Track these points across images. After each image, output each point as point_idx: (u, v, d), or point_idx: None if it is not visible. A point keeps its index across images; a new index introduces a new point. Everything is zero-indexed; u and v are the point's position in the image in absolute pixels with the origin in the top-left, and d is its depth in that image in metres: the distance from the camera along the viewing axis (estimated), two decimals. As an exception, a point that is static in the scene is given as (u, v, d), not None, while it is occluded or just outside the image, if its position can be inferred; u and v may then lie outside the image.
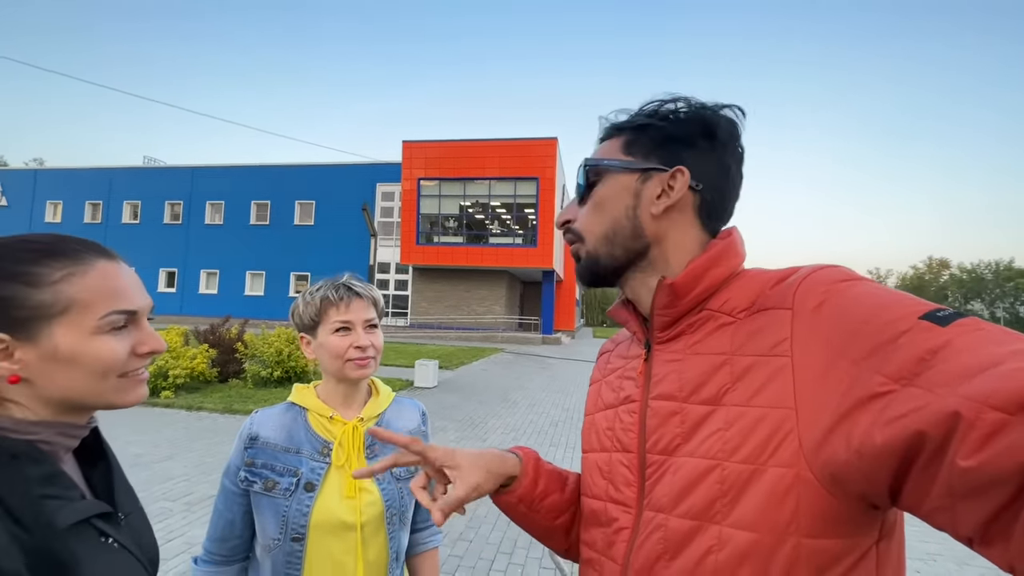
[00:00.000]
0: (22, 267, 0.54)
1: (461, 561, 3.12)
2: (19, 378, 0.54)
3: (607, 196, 0.65)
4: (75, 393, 0.57)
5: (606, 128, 0.69)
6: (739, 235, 0.65)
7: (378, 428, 0.73)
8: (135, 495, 0.69)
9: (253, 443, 1.00)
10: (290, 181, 28.15)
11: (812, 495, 0.46)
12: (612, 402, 0.68)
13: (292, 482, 0.96)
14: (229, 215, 28.81)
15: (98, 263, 0.59)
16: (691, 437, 0.55)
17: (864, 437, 0.41)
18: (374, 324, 1.06)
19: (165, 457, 4.86)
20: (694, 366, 0.58)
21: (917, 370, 0.40)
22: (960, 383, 0.37)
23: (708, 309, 0.60)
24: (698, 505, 0.52)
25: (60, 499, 0.53)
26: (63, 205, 31.24)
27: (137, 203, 30.28)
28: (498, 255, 23.15)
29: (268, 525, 0.96)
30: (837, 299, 0.49)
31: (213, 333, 9.08)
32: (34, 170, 33.78)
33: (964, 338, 0.40)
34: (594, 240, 0.66)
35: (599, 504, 0.64)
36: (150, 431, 5.76)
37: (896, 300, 0.46)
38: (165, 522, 3.45)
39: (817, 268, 0.54)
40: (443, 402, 8.24)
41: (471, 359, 14.29)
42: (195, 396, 7.56)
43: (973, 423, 0.35)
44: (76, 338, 0.55)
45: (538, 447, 5.79)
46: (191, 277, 28.89)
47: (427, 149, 23.67)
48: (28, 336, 0.53)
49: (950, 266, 79.89)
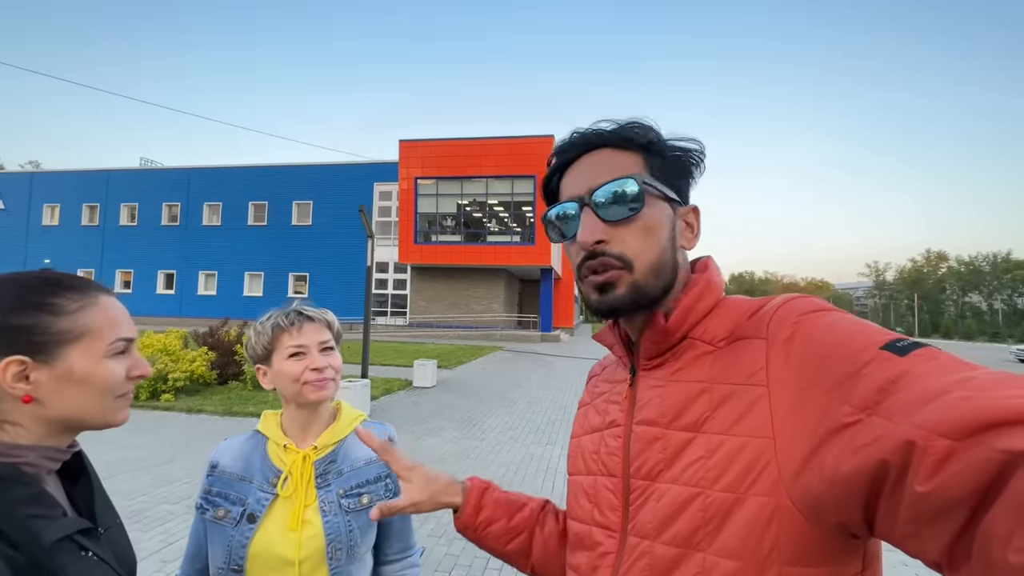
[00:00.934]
0: (45, 298, 0.62)
1: (458, 560, 3.17)
2: (32, 399, 0.60)
3: (657, 222, 0.61)
4: (79, 412, 0.63)
5: (605, 135, 0.63)
6: (715, 264, 0.66)
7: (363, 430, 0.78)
8: (114, 510, 0.74)
9: (212, 471, 1.03)
10: (287, 182, 28.15)
11: (792, 524, 0.47)
12: (598, 425, 0.69)
13: (239, 512, 0.97)
14: (227, 216, 28.81)
15: (102, 297, 0.67)
16: (673, 463, 0.56)
17: (834, 467, 0.43)
18: (330, 347, 1.05)
19: (166, 460, 4.91)
20: (675, 392, 0.59)
21: (878, 399, 0.41)
22: (913, 412, 0.38)
23: (690, 337, 0.61)
24: (682, 533, 0.53)
25: (45, 518, 0.58)
26: (60, 208, 31.17)
27: (134, 205, 30.24)
28: (496, 253, 23.17)
29: (216, 553, 0.97)
30: (808, 329, 0.51)
31: (212, 335, 9.11)
32: (31, 173, 33.64)
33: (919, 367, 0.41)
34: (645, 270, 0.60)
35: (584, 528, 0.65)
36: (151, 434, 5.81)
37: (860, 330, 0.47)
38: (166, 525, 3.50)
39: (790, 298, 0.56)
40: (441, 401, 8.29)
41: (470, 358, 14.34)
42: (195, 399, 7.60)
43: (925, 450, 0.36)
44: (88, 361, 0.63)
45: (535, 446, 5.84)
46: (189, 279, 28.89)
47: (424, 148, 23.66)
48: (46, 359, 0.60)
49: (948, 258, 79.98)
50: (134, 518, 3.59)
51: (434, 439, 6.00)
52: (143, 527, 3.46)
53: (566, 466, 0.74)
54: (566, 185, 0.66)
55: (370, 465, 1.07)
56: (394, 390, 9.08)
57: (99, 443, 5.02)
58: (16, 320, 0.60)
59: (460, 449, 5.62)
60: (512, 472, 4.88)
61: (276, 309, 1.06)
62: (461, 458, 5.28)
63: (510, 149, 22.69)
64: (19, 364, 0.59)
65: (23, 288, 0.62)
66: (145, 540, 3.27)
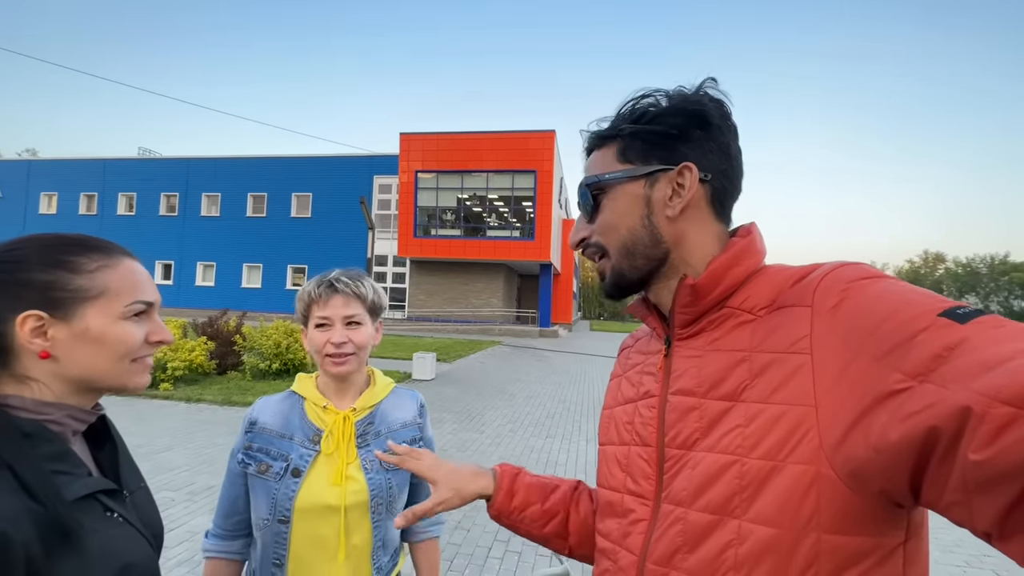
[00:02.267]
0: (65, 256, 0.63)
1: (459, 549, 3.18)
2: (49, 354, 0.60)
3: (618, 209, 0.64)
4: (94, 372, 0.63)
5: (591, 139, 0.68)
6: (758, 232, 0.65)
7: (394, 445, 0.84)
8: (140, 474, 0.75)
9: (252, 427, 1.06)
10: (287, 173, 28.03)
11: (833, 492, 0.47)
12: (632, 396, 0.68)
13: (282, 467, 1.01)
14: (225, 207, 28.69)
15: (124, 259, 0.68)
16: (710, 432, 0.55)
17: (881, 434, 0.42)
18: (356, 321, 1.05)
19: (165, 448, 4.90)
20: (713, 362, 0.58)
21: (933, 366, 0.40)
22: (973, 379, 0.37)
23: (728, 307, 0.60)
24: (717, 500, 0.53)
25: (69, 474, 0.59)
26: (58, 197, 31.01)
27: (132, 195, 30.08)
28: (496, 248, 23.14)
29: (260, 506, 1.01)
30: (857, 297, 0.49)
31: (211, 326, 9.10)
32: (28, 161, 33.44)
33: (981, 335, 0.40)
34: (616, 255, 0.65)
35: (616, 496, 0.66)
36: (150, 422, 5.80)
37: (916, 298, 0.46)
38: (167, 511, 3.50)
39: (838, 265, 0.54)
40: (441, 394, 8.29)
41: (469, 352, 14.35)
42: (194, 388, 7.59)
43: (983, 417, 0.35)
44: (105, 321, 0.63)
45: (535, 439, 5.86)
46: (188, 269, 28.80)
47: (425, 141, 23.57)
48: (64, 316, 0.61)
49: (946, 260, 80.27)
50: (135, 504, 3.59)
51: (434, 431, 5.95)
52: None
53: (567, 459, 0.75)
54: None
55: (405, 428, 1.13)
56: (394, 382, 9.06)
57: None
58: (36, 276, 0.60)
59: (460, 441, 5.63)
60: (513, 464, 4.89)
61: (318, 276, 1.08)
62: (461, 450, 5.30)
63: (511, 144, 22.62)
64: (37, 319, 0.59)
65: (45, 246, 0.63)
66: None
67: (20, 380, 0.60)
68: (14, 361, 0.60)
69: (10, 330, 0.59)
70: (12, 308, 0.59)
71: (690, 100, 0.62)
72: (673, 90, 0.63)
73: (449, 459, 0.84)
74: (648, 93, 0.64)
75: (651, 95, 0.63)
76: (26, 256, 0.61)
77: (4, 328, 0.59)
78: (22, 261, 0.61)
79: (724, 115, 0.63)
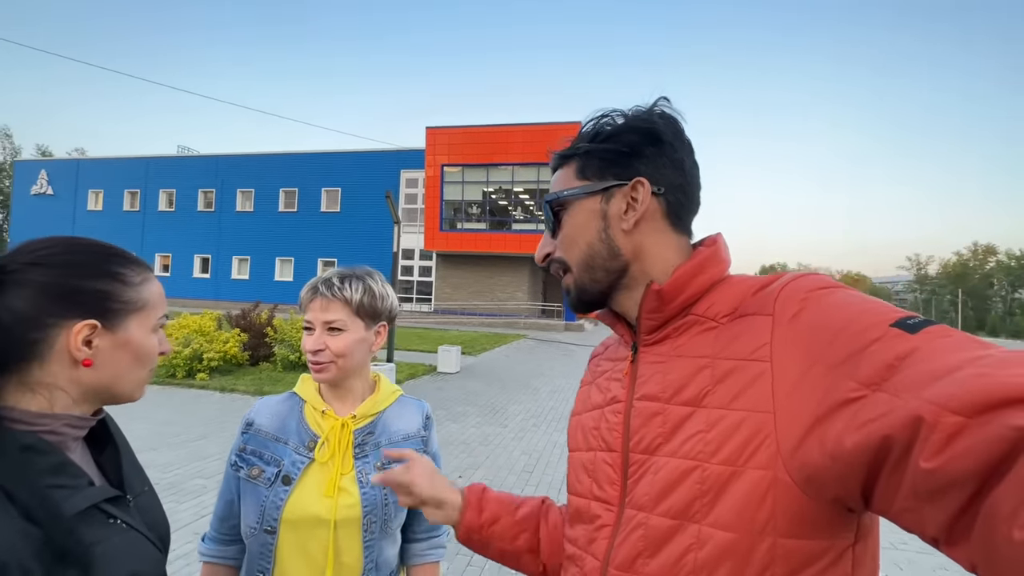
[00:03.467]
0: (117, 267, 0.64)
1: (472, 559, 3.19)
2: (91, 363, 0.60)
3: (577, 224, 0.67)
4: (120, 381, 0.64)
5: (554, 159, 0.71)
6: (724, 242, 0.66)
7: (390, 451, 0.81)
8: (145, 476, 0.74)
9: (248, 428, 1.01)
10: (316, 169, 28.67)
11: (789, 497, 0.48)
12: (599, 403, 0.69)
13: (274, 472, 0.95)
14: (259, 202, 29.59)
15: (152, 274, 0.69)
16: (672, 437, 0.56)
17: (836, 441, 0.43)
18: (336, 327, 0.97)
19: (199, 436, 5.09)
20: (677, 368, 0.59)
21: (886, 375, 0.41)
22: (923, 388, 0.38)
23: (693, 314, 0.61)
24: (678, 504, 0.54)
25: (67, 488, 0.57)
26: (104, 193, 32.58)
27: (172, 191, 31.36)
28: (521, 241, 23.10)
29: (249, 512, 0.96)
30: (815, 307, 0.51)
31: (244, 318, 9.39)
32: (77, 160, 35.28)
33: (931, 345, 0.41)
34: (576, 269, 0.67)
35: (583, 502, 0.66)
36: (187, 411, 6.04)
37: (870, 308, 0.47)
38: (200, 498, 3.63)
39: (797, 276, 0.56)
40: (465, 388, 8.35)
41: (493, 345, 14.40)
42: (228, 378, 7.87)
43: (934, 426, 0.36)
44: (143, 333, 0.65)
45: (557, 434, 5.83)
46: (224, 263, 29.87)
47: (451, 135, 23.65)
48: (111, 326, 0.62)
49: (997, 252, 75.76)
50: (169, 490, 3.73)
51: (458, 424, 6.05)
52: (178, 499, 3.60)
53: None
54: None
55: (408, 440, 1.06)
56: (418, 375, 9.19)
57: (135, 419, 5.24)
58: (95, 284, 0.61)
59: (483, 435, 5.64)
60: (535, 459, 4.88)
61: (316, 277, 1.04)
62: (484, 443, 5.31)
63: (537, 136, 22.46)
64: (91, 328, 0.59)
65: (95, 254, 0.63)
66: (179, 512, 3.40)
67: (29, 388, 0.58)
68: (36, 367, 0.58)
69: (56, 335, 0.57)
70: (65, 314, 0.58)
71: (642, 119, 0.65)
72: (630, 110, 0.66)
73: (472, 454, 0.82)
74: (607, 113, 0.67)
75: (609, 115, 0.67)
76: (80, 262, 0.61)
77: (49, 333, 0.57)
78: (80, 267, 0.60)
79: (676, 132, 0.65)
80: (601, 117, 0.67)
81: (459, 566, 2.95)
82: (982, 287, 75.33)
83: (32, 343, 0.57)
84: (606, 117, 0.67)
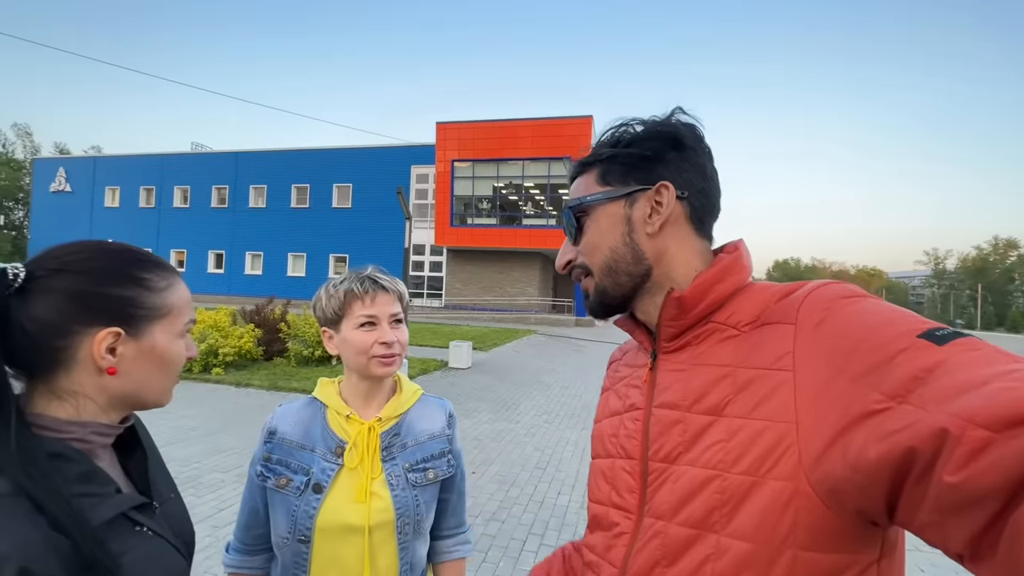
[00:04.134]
0: (142, 273, 0.62)
1: (494, 541, 3.20)
2: (116, 371, 0.59)
3: (600, 229, 0.66)
4: (146, 388, 0.63)
5: (574, 168, 0.71)
6: (746, 248, 0.66)
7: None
8: (172, 482, 0.74)
9: (272, 437, 0.99)
10: (328, 164, 28.86)
11: (810, 509, 0.47)
12: (618, 409, 0.69)
13: (303, 481, 0.94)
14: (271, 198, 29.89)
15: (178, 279, 0.68)
16: (693, 446, 0.56)
17: (860, 453, 0.42)
18: (399, 319, 1.01)
19: (217, 430, 5.16)
20: (697, 376, 0.59)
21: (912, 387, 0.41)
22: (950, 401, 0.37)
23: (714, 321, 0.61)
24: (697, 514, 0.53)
25: (95, 496, 0.57)
26: (120, 190, 33.11)
27: (187, 188, 31.79)
28: (531, 236, 23.05)
29: (279, 522, 0.95)
30: (839, 316, 0.50)
31: (258, 313, 9.49)
32: (93, 157, 35.91)
33: (959, 357, 0.40)
34: (599, 273, 0.67)
35: (602, 509, 0.66)
36: (204, 405, 6.13)
37: (896, 318, 0.46)
38: (218, 492, 3.69)
39: (821, 284, 0.55)
40: (477, 383, 8.37)
41: (504, 340, 14.42)
42: (243, 373, 7.97)
43: (959, 440, 0.35)
44: (168, 339, 0.64)
45: (570, 431, 5.83)
46: (237, 258, 30.25)
47: (461, 130, 23.62)
48: (136, 333, 0.61)
49: (1019, 246, 73.94)
50: (188, 484, 3.79)
51: (469, 420, 6.06)
52: (197, 493, 3.66)
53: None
54: None
55: (433, 440, 1.05)
56: (430, 370, 9.23)
57: (156, 414, 5.32)
58: (117, 291, 0.59)
59: (495, 431, 5.65)
60: (548, 456, 4.88)
61: (352, 271, 1.03)
62: (496, 439, 5.32)
63: (547, 131, 22.36)
64: (115, 336, 0.58)
65: (120, 259, 0.61)
66: (199, 505, 3.46)
67: (56, 395, 0.58)
68: (62, 374, 0.58)
69: (80, 343, 0.57)
70: (89, 321, 0.57)
71: (664, 124, 0.65)
72: (647, 118, 0.67)
73: (484, 450, 0.82)
74: (626, 121, 0.67)
75: (628, 123, 0.67)
76: (104, 268, 0.59)
77: (74, 340, 0.57)
78: (101, 273, 0.59)
79: (697, 137, 0.65)
80: (620, 125, 0.67)
81: (473, 564, 2.96)
82: (1002, 282, 73.58)
83: (58, 351, 0.57)
84: (625, 125, 0.67)
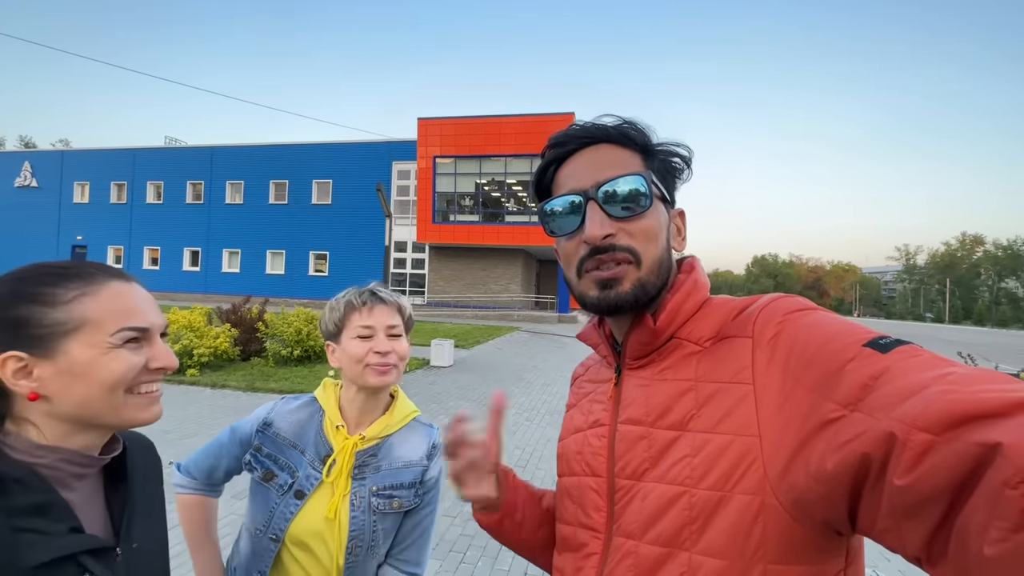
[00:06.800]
0: (38, 288, 0.58)
1: (472, 540, 3.20)
2: (38, 395, 0.57)
3: (660, 222, 0.62)
4: (87, 408, 0.59)
5: (620, 132, 0.63)
6: (700, 265, 0.67)
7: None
8: (160, 525, 0.70)
9: (266, 428, 1.02)
10: (307, 160, 28.25)
11: (778, 522, 0.48)
12: (581, 426, 0.68)
13: (287, 481, 0.97)
14: (249, 195, 29.14)
15: (111, 283, 0.62)
16: (659, 462, 0.56)
17: (819, 463, 0.43)
18: (398, 333, 1.03)
19: (191, 434, 5.04)
20: (661, 391, 0.59)
21: (861, 395, 0.42)
22: (895, 407, 0.39)
23: (677, 337, 0.61)
24: (668, 532, 0.53)
25: (38, 533, 0.53)
26: (90, 186, 31.95)
27: (160, 183, 30.76)
28: (514, 233, 23.03)
29: (257, 513, 0.98)
30: (792, 328, 0.52)
31: (235, 312, 9.30)
32: (61, 151, 34.52)
33: (901, 364, 0.42)
34: (650, 266, 0.60)
35: (570, 530, 0.65)
36: (176, 408, 5.97)
37: (844, 329, 0.48)
38: (191, 498, 3.61)
39: (774, 298, 0.57)
40: (459, 381, 8.34)
41: (487, 338, 14.40)
42: (219, 374, 7.79)
43: (905, 444, 0.37)
44: (91, 352, 0.58)
45: (550, 429, 5.84)
46: (214, 256, 29.47)
47: (443, 126, 23.42)
48: (45, 353, 0.57)
49: (985, 242, 76.64)
50: (160, 490, 3.70)
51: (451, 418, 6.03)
52: (169, 498, 3.56)
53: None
54: (564, 177, 0.64)
55: (408, 468, 1.05)
56: (412, 369, 9.16)
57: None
58: (10, 313, 0.57)
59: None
60: (528, 454, 4.89)
61: (353, 287, 1.06)
62: (477, 438, 5.30)
63: (529, 127, 22.30)
64: (16, 360, 0.56)
65: (19, 279, 0.59)
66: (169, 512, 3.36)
67: (18, 420, 0.58)
68: (7, 402, 0.57)
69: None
70: None
71: (687, 148, 0.65)
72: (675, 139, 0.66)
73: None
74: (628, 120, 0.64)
75: (630, 122, 0.64)
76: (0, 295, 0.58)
77: None
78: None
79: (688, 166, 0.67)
80: (624, 121, 0.64)
81: (452, 564, 2.96)
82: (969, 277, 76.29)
83: None
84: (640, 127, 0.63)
